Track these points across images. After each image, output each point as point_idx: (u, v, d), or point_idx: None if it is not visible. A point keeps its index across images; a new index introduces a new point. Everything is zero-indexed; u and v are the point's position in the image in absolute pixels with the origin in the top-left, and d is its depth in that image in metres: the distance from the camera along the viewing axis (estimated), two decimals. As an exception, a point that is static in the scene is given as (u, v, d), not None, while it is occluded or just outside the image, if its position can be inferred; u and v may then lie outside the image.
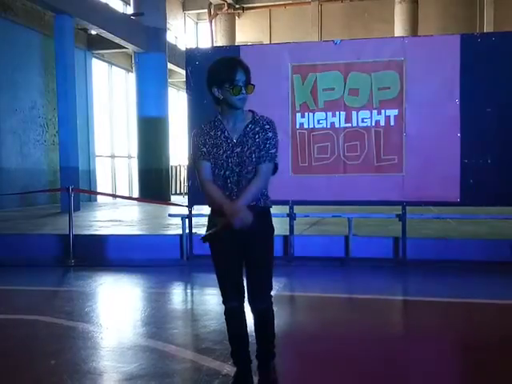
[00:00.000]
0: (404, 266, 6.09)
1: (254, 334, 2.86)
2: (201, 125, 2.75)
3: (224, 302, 2.78)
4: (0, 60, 12.19)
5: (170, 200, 14.18)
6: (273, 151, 2.66)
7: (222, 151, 2.66)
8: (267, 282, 2.75)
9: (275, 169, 2.71)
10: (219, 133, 2.68)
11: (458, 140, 5.83)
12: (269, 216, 2.77)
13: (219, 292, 2.79)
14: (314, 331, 3.12)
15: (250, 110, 2.74)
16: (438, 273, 5.86)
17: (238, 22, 24.33)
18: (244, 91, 2.61)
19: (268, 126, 2.68)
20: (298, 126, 6.08)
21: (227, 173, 2.66)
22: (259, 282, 2.73)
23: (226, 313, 2.80)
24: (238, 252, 2.71)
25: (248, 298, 2.75)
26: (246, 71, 2.65)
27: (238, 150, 2.65)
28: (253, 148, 2.64)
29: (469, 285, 5.34)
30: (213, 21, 23.37)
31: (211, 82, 2.63)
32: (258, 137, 2.65)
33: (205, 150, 2.68)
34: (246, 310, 2.79)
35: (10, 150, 12.54)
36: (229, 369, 3.11)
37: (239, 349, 2.84)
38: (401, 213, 6.07)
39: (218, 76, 2.61)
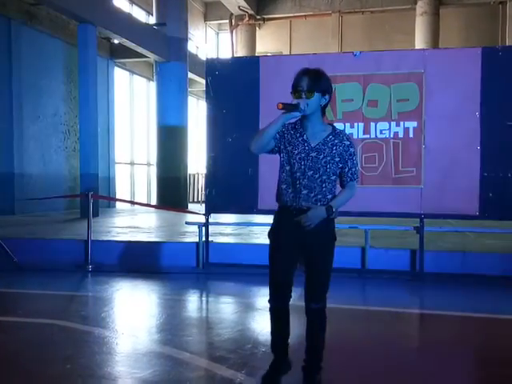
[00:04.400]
0: (421, 278, 6.03)
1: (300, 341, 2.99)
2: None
3: (269, 301, 2.97)
4: (24, 67, 12.44)
5: (187, 208, 14.25)
6: (357, 168, 2.93)
7: (296, 151, 2.84)
8: (324, 284, 2.91)
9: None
10: (298, 134, 2.87)
11: (478, 153, 5.78)
12: (333, 224, 2.92)
13: (234, 300, 2.83)
14: (328, 342, 3.11)
15: (329, 124, 2.95)
16: (455, 286, 5.79)
17: (258, 32, 24.48)
18: (304, 96, 2.78)
19: (348, 142, 2.87)
20: (316, 137, 6.08)
21: (298, 174, 2.82)
22: (316, 283, 2.88)
23: (270, 310, 3.01)
24: (295, 253, 2.88)
25: (304, 298, 2.92)
26: (311, 78, 2.83)
27: (314, 154, 2.82)
28: (328, 158, 2.81)
29: (486, 299, 5.26)
30: (234, 31, 23.55)
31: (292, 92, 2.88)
32: (336, 149, 2.83)
33: (277, 135, 2.85)
34: (289, 310, 3.00)
35: (32, 156, 12.75)
36: (242, 378, 3.11)
37: (278, 341, 3.03)
38: (418, 225, 6.03)
39: (292, 85, 2.87)
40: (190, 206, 15.29)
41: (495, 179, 5.75)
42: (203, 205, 7.37)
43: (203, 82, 8.10)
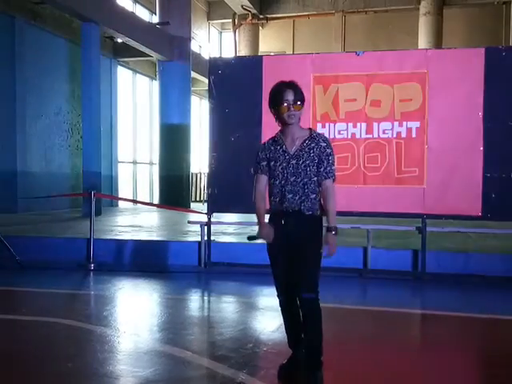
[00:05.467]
0: (423, 279, 6.03)
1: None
2: (264, 142, 3.20)
3: (277, 295, 3.19)
4: (28, 66, 12.46)
5: (189, 207, 14.26)
6: (334, 167, 3.10)
7: (278, 163, 3.06)
8: (313, 275, 3.03)
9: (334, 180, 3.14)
10: (278, 147, 3.09)
11: (481, 153, 5.77)
12: (320, 222, 3.09)
13: (236, 299, 2.84)
14: (329, 342, 3.12)
15: (308, 128, 3.17)
16: (457, 287, 5.78)
17: (261, 32, 24.48)
18: (292, 109, 2.99)
19: (325, 144, 3.07)
20: (318, 137, 6.08)
21: (282, 182, 3.05)
22: (306, 274, 3.01)
23: (280, 302, 3.21)
24: (289, 254, 3.06)
25: (297, 291, 3.04)
26: (295, 91, 3.03)
27: (294, 162, 3.04)
28: (307, 162, 3.02)
29: (489, 300, 5.26)
30: (237, 31, 23.55)
31: (270, 105, 3.09)
32: (313, 152, 3.03)
33: (264, 163, 3.11)
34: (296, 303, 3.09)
35: (34, 155, 12.77)
36: (243, 377, 3.11)
37: (292, 335, 3.22)
38: (421, 225, 6.02)
39: (272, 100, 3.06)
40: (193, 206, 15.29)
41: (498, 180, 5.74)
42: (205, 204, 7.38)
43: (206, 81, 8.10)
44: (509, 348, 3.85)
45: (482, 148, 5.76)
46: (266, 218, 3.18)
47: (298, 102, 3.02)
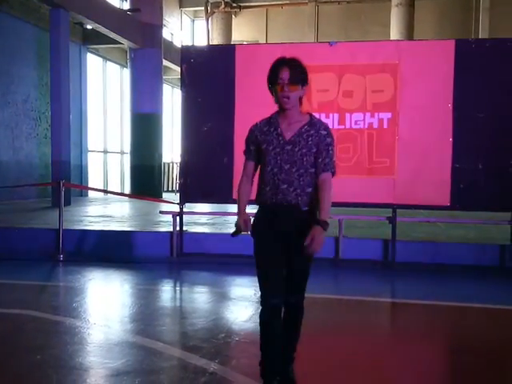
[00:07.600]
0: (393, 268, 6.12)
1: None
2: (257, 122, 2.80)
3: (263, 302, 2.70)
4: (-6, 52, 12.11)
5: (161, 197, 14.15)
6: (333, 159, 2.75)
7: (271, 147, 2.69)
8: (305, 277, 2.77)
9: (333, 174, 2.78)
10: (272, 129, 2.72)
11: (450, 144, 5.86)
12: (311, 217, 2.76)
13: (208, 290, 2.79)
14: (302, 332, 3.15)
15: (307, 113, 2.79)
16: (426, 276, 5.89)
17: (234, 20, 24.31)
18: (286, 89, 2.62)
19: (325, 132, 2.71)
20: (291, 127, 6.09)
21: (275, 170, 2.68)
22: (296, 277, 2.75)
23: (263, 314, 2.70)
24: (280, 251, 2.71)
25: (286, 293, 2.72)
26: (292, 69, 2.67)
27: (289, 147, 2.67)
28: (304, 150, 2.67)
29: (456, 288, 5.37)
30: (209, 19, 23.32)
31: (267, 84, 2.73)
32: (311, 140, 2.68)
33: (252, 148, 2.76)
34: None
35: (1, 143, 12.45)
36: (215, 367, 3.11)
37: (270, 358, 2.72)
38: (391, 215, 6.10)
39: (268, 77, 2.71)
40: (165, 196, 15.18)
41: (466, 170, 5.86)
42: (178, 194, 7.33)
43: (178, 69, 8.02)
44: (476, 335, 3.94)
45: (451, 139, 5.85)
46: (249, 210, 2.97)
47: (295, 82, 2.63)
